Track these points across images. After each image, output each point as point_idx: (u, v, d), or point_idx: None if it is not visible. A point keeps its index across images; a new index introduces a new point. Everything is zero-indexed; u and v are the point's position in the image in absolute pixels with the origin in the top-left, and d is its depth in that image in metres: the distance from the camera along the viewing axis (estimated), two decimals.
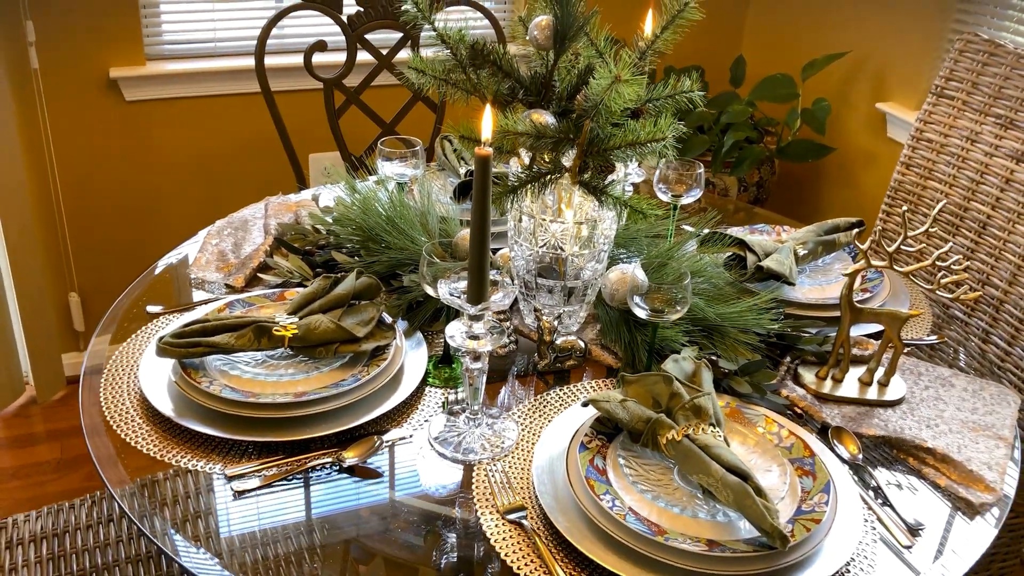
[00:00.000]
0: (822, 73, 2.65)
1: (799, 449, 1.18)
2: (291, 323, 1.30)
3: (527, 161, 1.31)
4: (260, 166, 2.72)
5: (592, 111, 1.19)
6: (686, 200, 1.63)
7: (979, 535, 1.12)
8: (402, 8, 1.31)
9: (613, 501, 1.07)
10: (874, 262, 1.30)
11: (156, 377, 1.28)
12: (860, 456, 1.22)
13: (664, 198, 1.65)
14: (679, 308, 1.27)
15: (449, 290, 1.16)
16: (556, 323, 1.38)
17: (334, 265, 1.56)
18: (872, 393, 1.35)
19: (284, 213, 1.77)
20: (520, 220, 1.35)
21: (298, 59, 2.28)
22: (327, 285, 1.38)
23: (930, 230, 1.87)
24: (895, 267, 1.30)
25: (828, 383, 1.37)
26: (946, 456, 1.22)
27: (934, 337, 1.52)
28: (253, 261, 1.59)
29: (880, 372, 1.37)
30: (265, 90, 2.17)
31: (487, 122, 1.06)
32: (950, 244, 1.28)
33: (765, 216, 2.00)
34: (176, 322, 1.40)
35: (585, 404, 1.19)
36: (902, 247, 1.29)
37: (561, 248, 1.34)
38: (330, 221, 1.62)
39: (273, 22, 2.15)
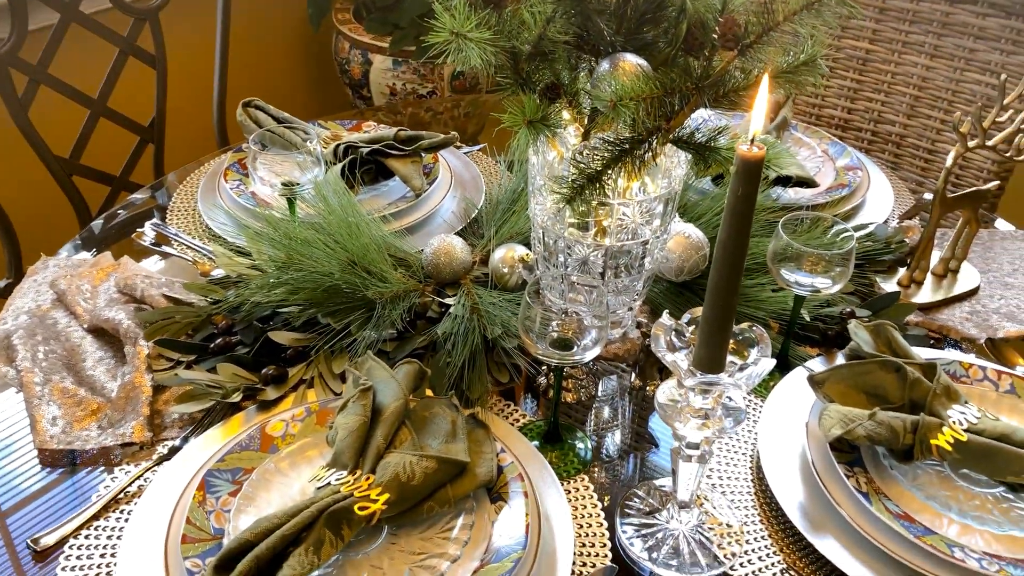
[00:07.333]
0: None
1: None
2: (369, 485, 0.80)
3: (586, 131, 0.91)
4: None
5: (755, 40, 0.82)
6: None
7: None
8: None
9: (965, 552, 0.81)
10: (971, 144, 1.13)
11: None
12: None
13: None
14: (839, 270, 0.99)
15: (672, 358, 0.76)
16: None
17: (282, 355, 1.02)
18: (956, 285, 1.22)
19: (109, 292, 1.12)
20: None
21: None
22: (369, 401, 0.87)
23: None
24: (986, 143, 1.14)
25: (911, 288, 1.21)
26: None
27: None
28: (141, 390, 0.98)
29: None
30: None
31: (760, 107, 0.65)
32: None
33: None
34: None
35: (836, 441, 0.89)
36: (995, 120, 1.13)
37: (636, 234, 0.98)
38: (231, 297, 1.04)
39: None
